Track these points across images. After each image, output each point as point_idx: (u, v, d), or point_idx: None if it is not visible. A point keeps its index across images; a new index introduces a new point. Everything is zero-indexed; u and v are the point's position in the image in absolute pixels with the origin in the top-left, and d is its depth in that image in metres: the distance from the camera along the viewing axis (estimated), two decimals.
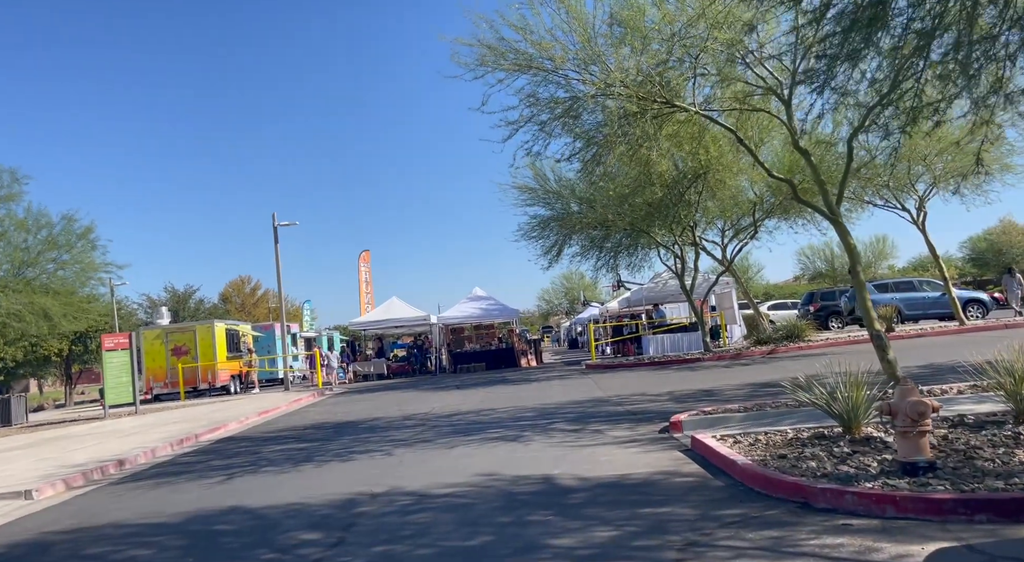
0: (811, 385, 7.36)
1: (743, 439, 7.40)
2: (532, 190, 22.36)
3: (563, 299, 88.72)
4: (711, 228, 25.46)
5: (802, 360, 17.08)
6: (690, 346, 24.15)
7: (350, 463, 8.99)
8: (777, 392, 11.80)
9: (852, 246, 10.43)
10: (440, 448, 9.45)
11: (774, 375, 14.40)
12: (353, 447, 10.31)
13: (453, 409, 14.18)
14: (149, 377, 25.87)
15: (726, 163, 18.83)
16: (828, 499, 5.15)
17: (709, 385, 13.83)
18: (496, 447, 9.13)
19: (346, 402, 18.84)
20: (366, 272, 36.52)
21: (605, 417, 10.92)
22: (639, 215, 21.50)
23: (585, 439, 9.09)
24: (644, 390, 14.22)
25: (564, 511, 5.70)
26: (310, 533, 5.77)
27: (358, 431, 12.22)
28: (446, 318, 29.36)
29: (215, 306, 55.91)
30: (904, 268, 71.04)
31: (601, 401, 13.13)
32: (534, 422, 11.06)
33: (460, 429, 11.14)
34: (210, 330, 26.24)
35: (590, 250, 24.59)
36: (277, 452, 10.60)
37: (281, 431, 13.35)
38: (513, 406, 13.58)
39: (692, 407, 10.62)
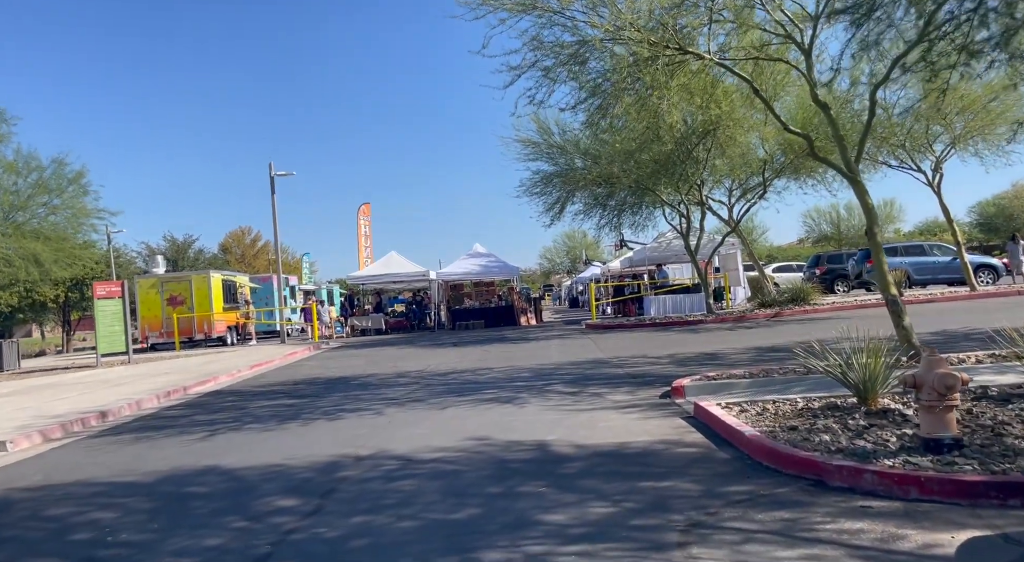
0: (826, 352, 6.90)
1: (750, 408, 6.99)
2: (535, 144, 21.66)
3: (565, 258, 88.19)
4: (718, 187, 24.79)
5: (808, 324, 16.68)
6: (692, 308, 23.74)
7: (338, 422, 8.63)
8: (783, 357, 11.40)
9: (870, 206, 9.89)
10: (432, 408, 9.08)
11: (779, 339, 14.00)
12: (343, 405, 9.96)
13: (449, 367, 13.83)
14: (144, 326, 25.58)
15: (737, 119, 18.12)
16: (845, 477, 4.75)
17: (712, 348, 13.44)
18: (490, 409, 8.76)
19: (341, 357, 18.53)
20: (365, 226, 35.93)
21: (604, 379, 10.54)
22: (645, 172, 20.87)
23: (583, 403, 8.71)
24: (645, 352, 13.84)
25: (558, 482, 5.31)
26: (287, 499, 5.41)
27: (350, 388, 11.88)
28: (445, 274, 28.92)
29: (215, 256, 55.53)
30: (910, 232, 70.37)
31: (600, 362, 12.75)
32: (530, 383, 10.69)
33: (454, 389, 10.78)
34: (206, 280, 25.84)
35: (593, 208, 24.00)
36: (264, 408, 10.26)
37: (271, 386, 13.02)
38: (510, 366, 13.22)
39: (695, 371, 10.23)
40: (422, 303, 31.25)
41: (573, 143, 21.68)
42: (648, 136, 18.79)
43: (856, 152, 10.28)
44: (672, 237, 25.45)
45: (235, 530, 4.75)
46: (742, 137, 18.48)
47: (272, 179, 24.64)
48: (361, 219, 35.59)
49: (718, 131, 18.23)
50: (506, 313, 27.76)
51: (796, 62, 11.52)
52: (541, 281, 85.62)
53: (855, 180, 9.94)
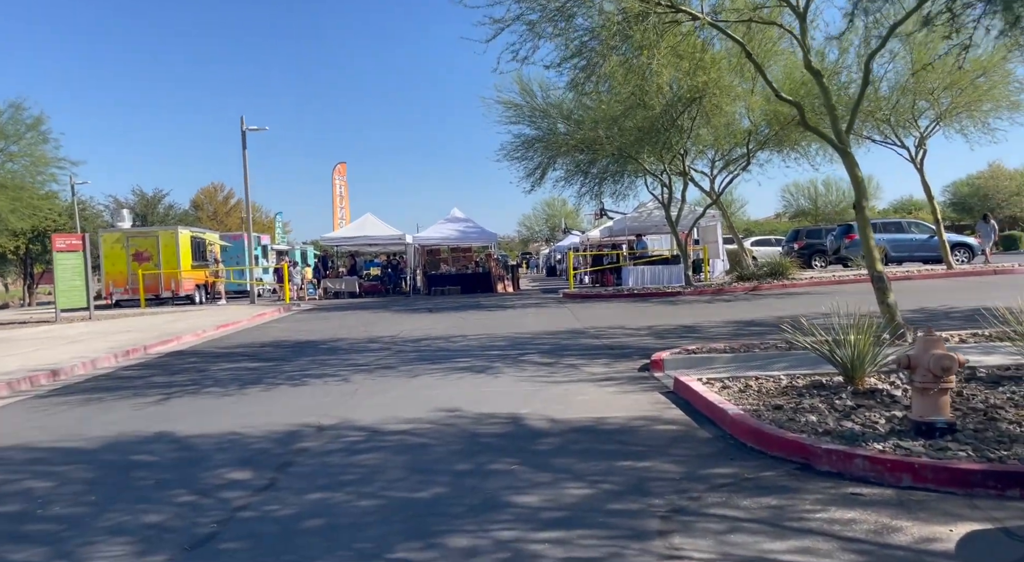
0: (813, 329, 6.64)
1: (732, 384, 6.73)
2: (517, 106, 21.06)
3: (544, 226, 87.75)
4: (701, 158, 24.45)
5: (786, 299, 16.54)
6: (671, 279, 23.55)
7: (301, 388, 8.25)
8: (764, 331, 11.20)
9: (860, 179, 9.60)
10: (402, 376, 8.73)
11: (758, 313, 13.82)
12: (309, 370, 9.57)
13: (422, 334, 13.47)
14: (109, 282, 24.81)
15: (724, 86, 17.69)
16: (834, 462, 4.49)
17: (691, 321, 13.22)
18: (462, 378, 8.42)
19: (311, 320, 18.07)
20: (341, 186, 35.06)
21: (581, 350, 10.25)
22: (628, 139, 20.42)
23: (559, 374, 8.41)
24: (623, 323, 13.57)
25: (531, 460, 5.00)
26: (240, 471, 5.04)
27: (318, 352, 11.47)
28: (422, 238, 28.39)
29: (186, 213, 54.20)
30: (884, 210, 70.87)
31: (577, 332, 12.47)
32: (505, 352, 10.37)
33: (426, 356, 10.42)
34: (174, 236, 25.06)
35: (575, 175, 23.55)
36: (226, 371, 9.83)
37: (236, 347, 12.56)
38: (485, 334, 12.88)
39: (674, 344, 9.98)
40: (398, 267, 30.72)
41: (556, 107, 21.14)
42: (633, 101, 18.35)
43: (847, 123, 9.96)
44: (653, 207, 25.12)
45: (180, 505, 4.38)
46: (728, 106, 18.09)
47: (244, 134, 23.78)
48: (336, 179, 34.71)
49: (704, 99, 17.79)
50: (483, 280, 27.38)
51: (790, 26, 11.11)
52: (520, 249, 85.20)
53: (845, 152, 9.64)
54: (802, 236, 27.35)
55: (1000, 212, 54.29)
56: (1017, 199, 53.44)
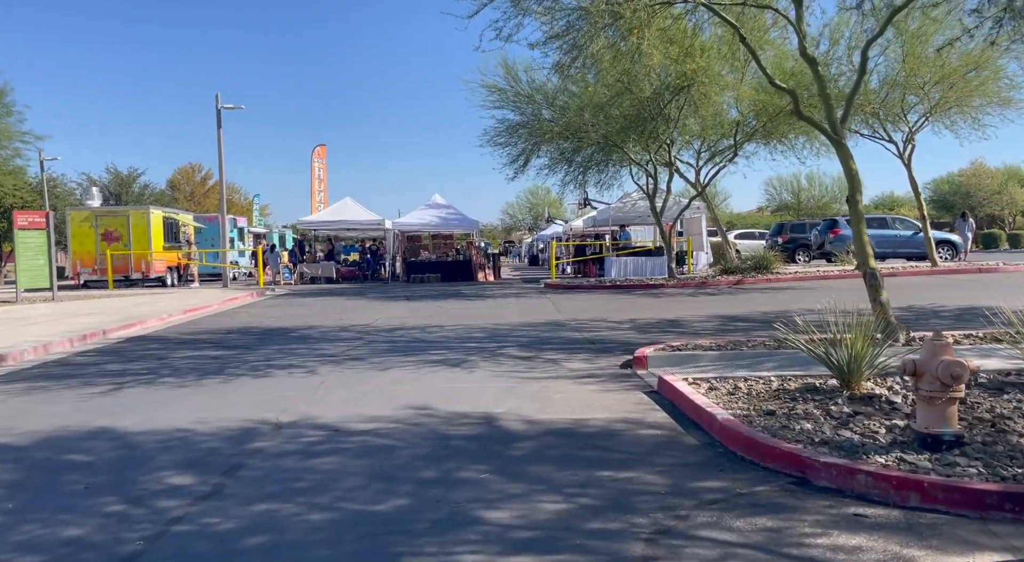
0: (808, 328, 6.27)
1: (720, 385, 6.35)
2: (501, 91, 20.54)
3: (527, 215, 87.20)
4: (687, 148, 24.09)
5: (771, 293, 16.24)
6: (654, 271, 23.21)
7: (264, 380, 7.76)
8: (750, 327, 10.86)
9: (855, 171, 9.23)
10: (372, 369, 8.27)
11: (743, 308, 13.50)
12: (274, 360, 9.07)
13: (397, 323, 13.00)
14: (76, 262, 24.00)
15: (713, 75, 17.31)
16: (833, 477, 4.11)
17: (674, 314, 12.86)
18: (435, 372, 7.98)
19: (284, 305, 17.51)
20: (320, 168, 34.27)
21: (561, 344, 9.84)
22: (614, 128, 20.00)
23: (537, 370, 7.99)
24: (604, 316, 13.19)
25: (504, 467, 4.58)
26: (182, 475, 4.57)
27: (286, 340, 10.96)
28: (402, 224, 27.82)
29: (162, 193, 53.02)
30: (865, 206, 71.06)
31: (558, 325, 12.06)
32: (482, 345, 9.93)
33: (399, 347, 9.96)
34: (145, 216, 24.29)
35: (559, 163, 23.11)
36: (187, 359, 9.30)
37: (201, 333, 12.01)
38: (463, 324, 12.44)
39: (657, 339, 9.60)
40: (377, 253, 30.16)
41: (541, 92, 20.63)
42: (620, 87, 17.93)
43: (843, 112, 9.58)
44: (638, 197, 24.75)
45: (107, 516, 3.91)
46: (716, 96, 17.71)
47: (218, 112, 22.99)
48: (315, 161, 33.90)
49: (692, 88, 17.41)
50: (463, 268, 26.90)
51: (784, 11, 10.69)
52: (502, 237, 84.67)
53: (840, 143, 9.27)
54: (786, 230, 27.13)
55: (981, 210, 54.68)
56: (998, 198, 53.77)
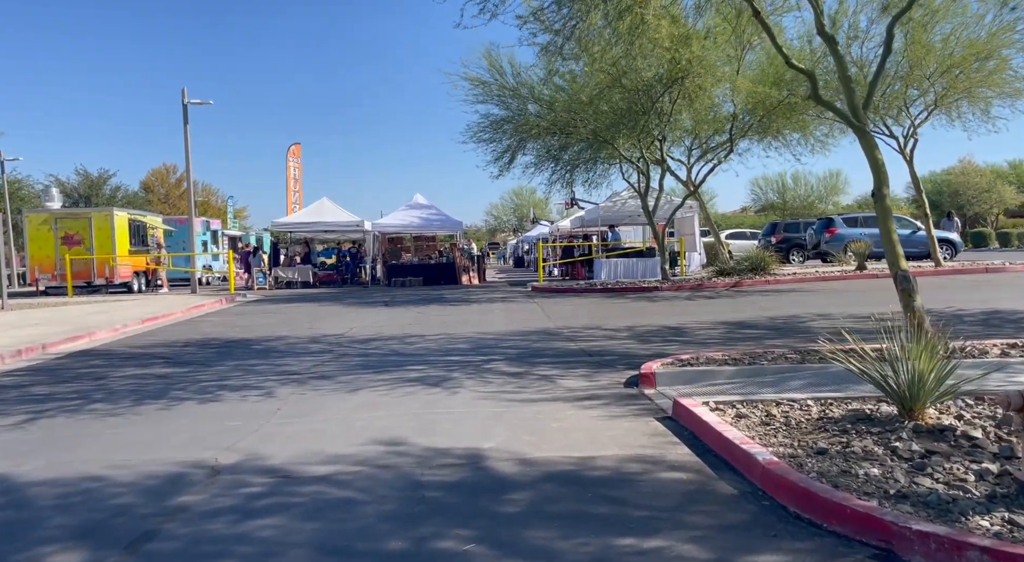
0: (853, 340, 5.28)
1: (748, 411, 5.35)
2: (485, 84, 19.48)
3: (512, 216, 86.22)
4: (678, 145, 23.18)
5: (773, 297, 15.32)
6: (645, 273, 22.28)
7: (212, 405, 6.66)
8: (760, 335, 9.90)
9: (880, 162, 8.28)
10: (339, 390, 7.19)
11: (747, 313, 12.55)
12: (229, 379, 7.96)
13: (374, 331, 11.91)
14: (35, 267, 22.63)
15: (708, 66, 16.39)
16: (933, 552, 3.10)
17: (675, 321, 11.87)
18: (412, 394, 6.92)
19: (254, 313, 16.34)
20: (295, 168, 32.97)
21: (555, 357, 8.81)
22: (603, 123, 19.04)
23: (530, 389, 6.96)
24: (599, 322, 12.18)
25: (495, 532, 3.54)
26: (69, 551, 3.48)
27: (248, 354, 9.85)
28: (382, 225, 26.69)
29: (135, 195, 51.41)
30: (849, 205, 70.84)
31: (550, 333, 11.03)
32: (467, 358, 8.88)
33: (373, 362, 8.88)
34: (108, 218, 22.96)
35: (545, 161, 22.10)
36: (129, 379, 8.16)
37: (154, 347, 10.85)
38: (445, 333, 11.37)
39: (662, 350, 8.63)
40: (356, 256, 28.97)
41: (527, 86, 19.61)
42: (610, 78, 16.97)
43: (865, 96, 8.64)
44: (628, 196, 23.79)
45: None
46: (712, 87, 16.77)
47: (185, 107, 21.72)
48: (290, 161, 32.60)
49: (687, 79, 16.48)
50: (447, 271, 25.81)
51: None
52: (486, 238, 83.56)
53: (863, 130, 8.32)
54: (780, 230, 26.32)
55: (969, 209, 54.35)
56: (987, 195, 53.43)
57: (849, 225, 23.47)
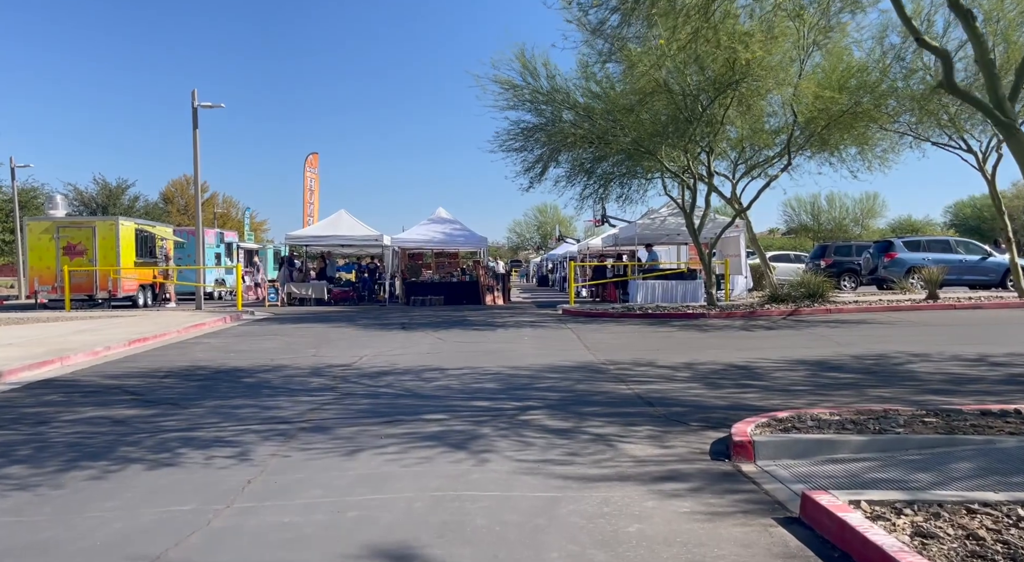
0: None
1: (933, 525, 3.56)
2: (517, 88, 17.90)
3: (535, 233, 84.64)
4: (722, 159, 21.39)
5: (842, 329, 13.43)
6: (686, 296, 20.46)
7: (163, 473, 5.00)
8: (855, 381, 8.06)
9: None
10: (334, 451, 5.51)
11: (823, 349, 10.70)
12: (200, 428, 6.32)
13: (386, 362, 10.25)
14: (34, 279, 21.33)
15: (769, 67, 14.65)
16: None
17: (739, 357, 10.06)
18: (429, 460, 5.22)
19: (256, 334, 14.77)
20: (312, 179, 31.60)
21: (607, 405, 7.07)
22: (646, 132, 17.36)
23: (584, 457, 5.23)
24: (649, 356, 10.41)
25: None
26: None
27: (234, 390, 8.21)
28: (402, 240, 25.14)
29: (155, 205, 50.69)
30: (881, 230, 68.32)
31: (593, 370, 9.28)
32: (498, 403, 7.16)
33: (382, 406, 7.19)
34: (113, 228, 21.63)
35: (577, 175, 20.43)
36: (77, 425, 6.55)
37: (129, 377, 9.25)
38: (469, 366, 9.67)
39: (740, 400, 6.92)
40: (375, 272, 27.45)
41: (563, 91, 18.01)
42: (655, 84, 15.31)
43: (1012, 86, 6.87)
44: (667, 213, 22.04)
45: None
46: (776, 91, 15.00)
47: (195, 110, 20.40)
48: (308, 171, 31.23)
49: (743, 83, 14.77)
50: (470, 290, 24.17)
51: None
52: (509, 256, 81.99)
53: (1011, 127, 6.53)
54: (830, 253, 24.33)
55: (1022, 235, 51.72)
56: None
57: (911, 249, 21.47)
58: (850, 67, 15.99)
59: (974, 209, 77.34)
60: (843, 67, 16.27)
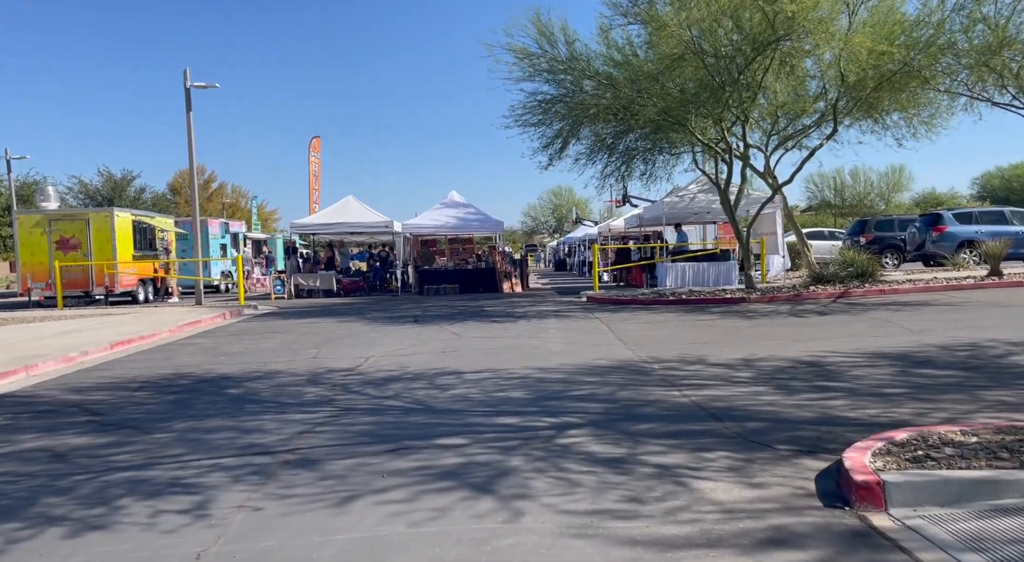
0: None
1: None
2: (533, 56, 16.40)
3: (551, 217, 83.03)
4: (754, 129, 19.78)
5: (906, 313, 11.97)
6: (718, 279, 19.01)
7: (86, 541, 3.73)
8: (955, 380, 6.59)
9: None
10: (320, 499, 4.20)
11: (897, 338, 9.26)
12: (157, 464, 5.04)
13: (395, 363, 8.96)
14: (26, 275, 20.23)
15: (816, 21, 13.07)
16: None
17: (802, 351, 8.65)
18: (446, 517, 3.90)
19: (255, 332, 13.53)
20: (315, 164, 30.24)
21: (664, 421, 5.71)
22: (675, 101, 15.85)
23: (650, 507, 3.89)
24: (697, 351, 9.02)
25: None
26: None
27: (214, 406, 6.94)
28: (414, 226, 23.82)
29: (161, 196, 49.70)
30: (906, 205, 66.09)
31: (636, 371, 7.92)
32: (528, 421, 5.82)
33: (387, 427, 5.88)
34: (108, 220, 20.46)
35: (598, 152, 18.94)
36: (3, 462, 5.29)
37: (96, 390, 8.01)
38: (490, 369, 8.34)
39: (826, 411, 5.62)
40: (386, 260, 26.18)
41: (583, 59, 16.50)
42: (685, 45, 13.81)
43: None
44: (696, 190, 20.52)
45: None
46: (824, 48, 13.39)
47: (187, 91, 19.07)
48: (312, 156, 29.88)
49: (789, 40, 13.22)
50: (486, 277, 22.83)
51: None
52: (523, 240, 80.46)
53: None
54: (870, 228, 22.68)
55: None
56: None
57: (961, 221, 19.85)
58: (903, 21, 14.34)
59: (1002, 180, 74.85)
60: (893, 21, 14.63)
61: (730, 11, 13.71)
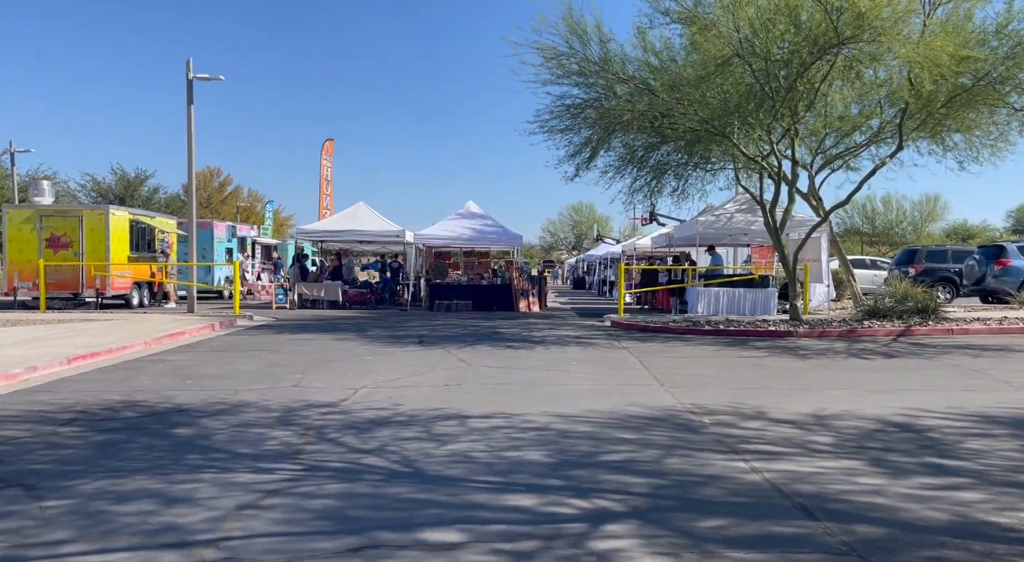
0: None
1: None
2: (562, 56, 14.95)
3: (570, 233, 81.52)
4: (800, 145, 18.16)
5: (987, 357, 10.29)
6: (755, 308, 17.38)
7: None
8: None
9: None
10: None
11: (1001, 394, 7.60)
12: None
13: (388, 399, 7.44)
14: (13, 274, 19.00)
15: (888, 20, 11.50)
16: None
17: (884, 405, 7.01)
18: None
19: (238, 350, 12.07)
20: (327, 168, 28.94)
21: (737, 517, 4.11)
22: (717, 110, 14.34)
23: None
24: (752, 399, 7.40)
25: None
26: None
27: (147, 456, 5.44)
28: (427, 237, 22.38)
29: (176, 197, 48.78)
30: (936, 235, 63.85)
31: (681, 425, 6.33)
32: (549, 507, 4.25)
33: (359, 504, 4.34)
34: (103, 218, 19.23)
35: (627, 165, 17.44)
36: None
37: (16, 422, 6.49)
38: (502, 413, 6.79)
39: (953, 503, 4.10)
40: (397, 270, 24.77)
41: (618, 60, 15.04)
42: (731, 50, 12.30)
43: None
44: (734, 209, 18.90)
45: None
46: (900, 48, 11.75)
47: (189, 83, 17.79)
48: (324, 160, 28.59)
49: (859, 41, 11.66)
50: (501, 294, 21.31)
51: None
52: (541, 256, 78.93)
53: None
54: (920, 258, 20.91)
55: None
56: None
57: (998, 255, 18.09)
58: (983, 28, 12.74)
59: None
60: (970, 28, 13.02)
61: (787, 10, 12.18)
